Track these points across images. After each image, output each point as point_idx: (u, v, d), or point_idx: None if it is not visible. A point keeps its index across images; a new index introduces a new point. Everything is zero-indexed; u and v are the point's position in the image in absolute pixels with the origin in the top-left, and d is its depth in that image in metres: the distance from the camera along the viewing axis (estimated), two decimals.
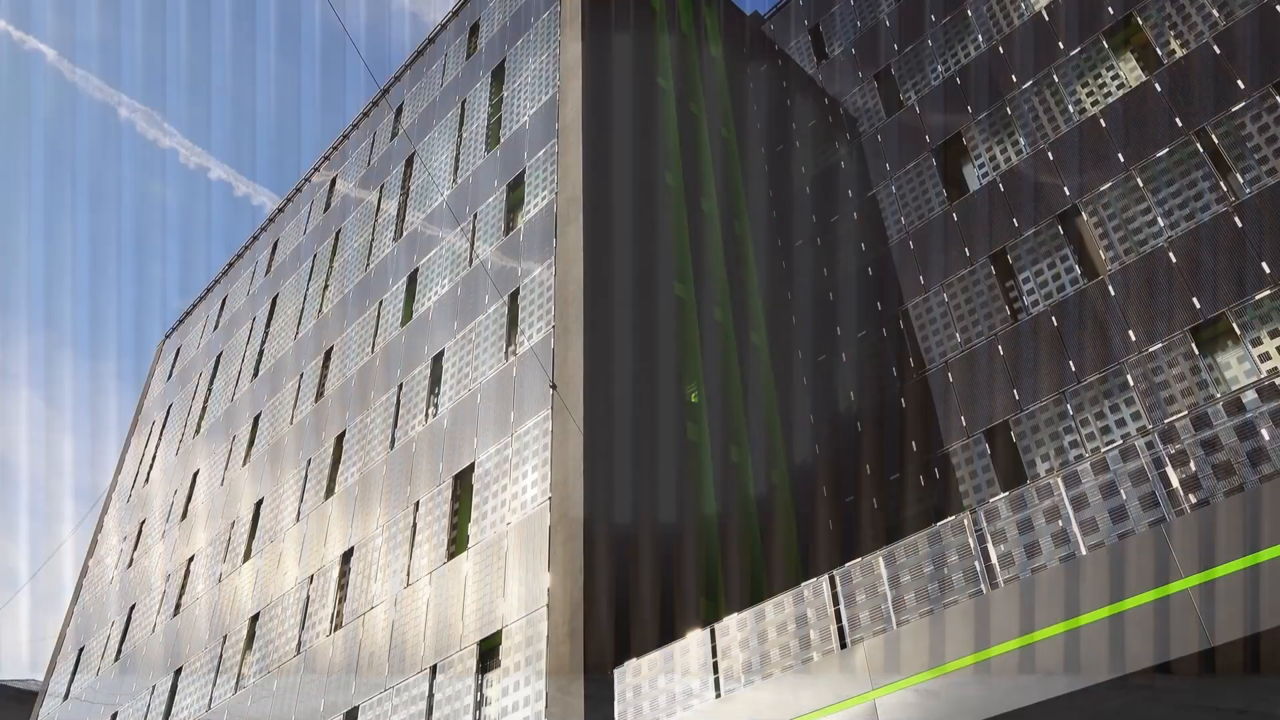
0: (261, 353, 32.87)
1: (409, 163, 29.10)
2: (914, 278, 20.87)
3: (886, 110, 23.95)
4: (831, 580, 11.55)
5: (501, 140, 24.31)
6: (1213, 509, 8.81)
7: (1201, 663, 8.40)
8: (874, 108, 24.29)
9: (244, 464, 29.29)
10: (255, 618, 23.89)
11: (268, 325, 33.67)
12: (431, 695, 16.68)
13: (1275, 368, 14.41)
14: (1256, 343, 14.87)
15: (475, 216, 23.57)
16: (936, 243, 20.78)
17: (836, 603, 11.36)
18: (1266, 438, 9.00)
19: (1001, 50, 21.57)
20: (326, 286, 30.44)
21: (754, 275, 23.18)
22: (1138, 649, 8.59)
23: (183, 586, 28.76)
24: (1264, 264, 15.22)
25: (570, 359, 17.66)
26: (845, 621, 11.16)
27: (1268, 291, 14.99)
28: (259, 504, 27.05)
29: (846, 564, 11.57)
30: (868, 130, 24.11)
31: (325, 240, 32.35)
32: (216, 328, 38.81)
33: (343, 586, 21.29)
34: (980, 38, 22.29)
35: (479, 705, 15.74)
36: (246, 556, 26.04)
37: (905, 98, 23.50)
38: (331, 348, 27.78)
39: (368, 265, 28.14)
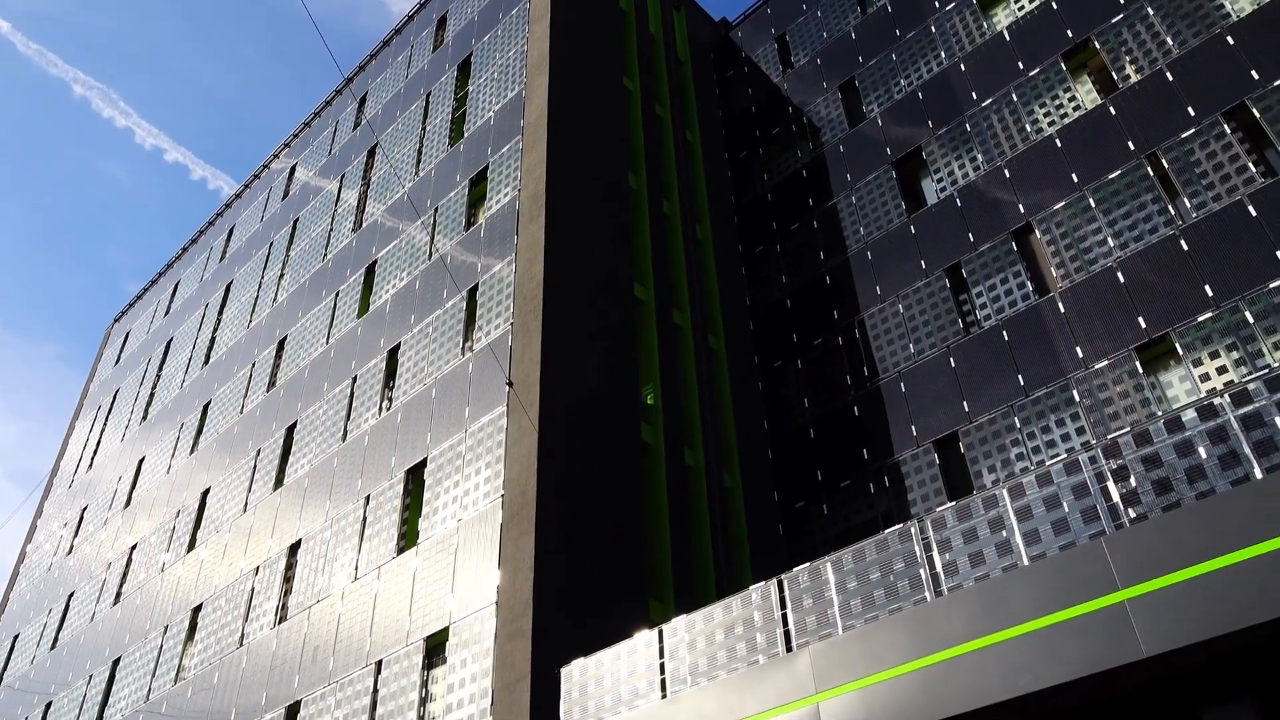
0: (213, 340, 32.36)
1: (371, 153, 28.84)
2: (870, 288, 21.14)
3: (849, 121, 24.24)
4: (780, 584, 11.67)
5: (465, 134, 24.20)
6: (1151, 523, 9.06)
7: (1136, 673, 8.63)
8: (837, 118, 24.57)
9: (192, 452, 28.81)
10: (198, 609, 23.51)
11: (220, 312, 33.15)
12: (376, 691, 16.55)
13: (1214, 388, 14.84)
14: (1197, 363, 15.29)
15: (436, 210, 23.44)
16: (893, 254, 21.07)
17: (784, 607, 11.48)
18: (1204, 456, 9.27)
19: (963, 67, 21.94)
20: (282, 275, 30.05)
21: (714, 279, 23.32)
22: (1075, 658, 8.80)
23: (124, 575, 28.21)
24: (1207, 287, 15.66)
25: (528, 357, 17.64)
26: (792, 625, 11.29)
27: (1210, 314, 15.42)
28: (206, 493, 26.63)
29: (795, 569, 11.70)
30: (830, 140, 24.38)
31: (283, 228, 31.94)
32: (168, 313, 38.12)
33: (289, 579, 21.04)
34: (943, 54, 22.65)
35: (424, 701, 15.66)
36: (191, 546, 25.62)
37: (868, 109, 23.80)
38: (285, 337, 27.43)
39: (325, 255, 27.83)
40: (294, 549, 21.41)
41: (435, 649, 16.19)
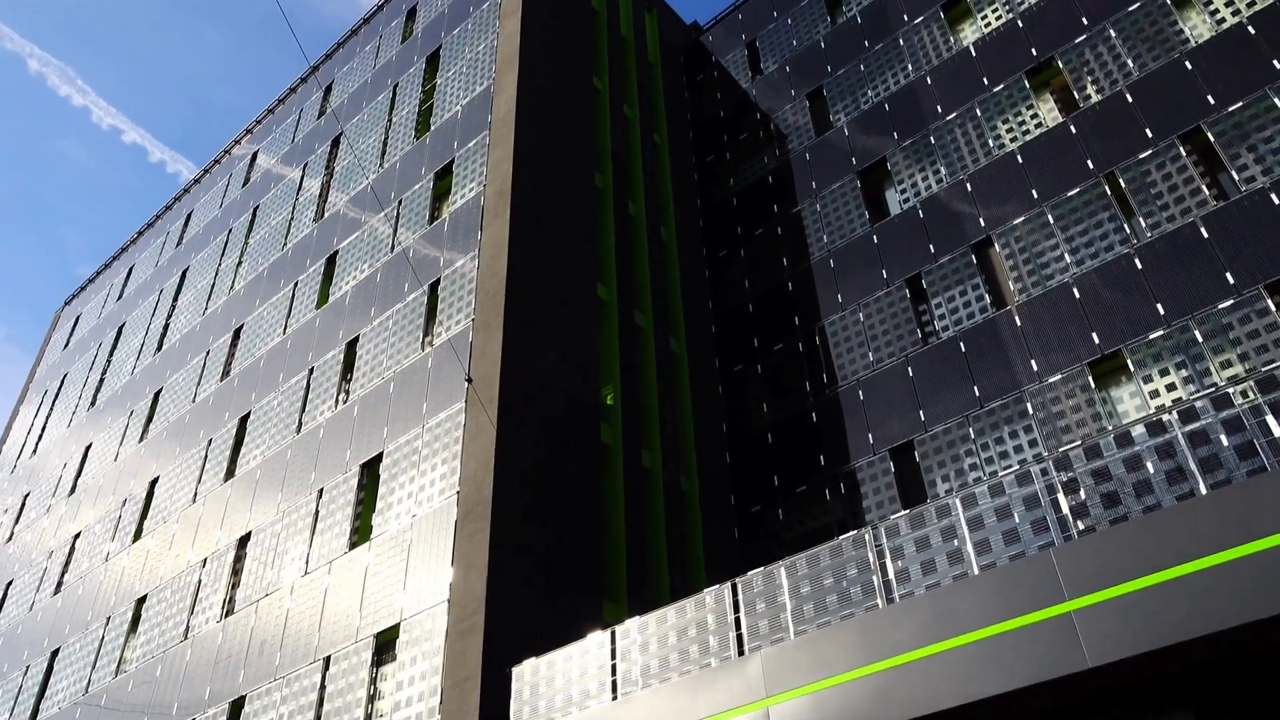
0: (167, 326, 31.76)
1: (335, 143, 28.50)
2: (832, 296, 21.31)
3: (816, 129, 24.41)
4: (734, 588, 11.71)
5: (432, 128, 24.00)
6: (1098, 536, 9.22)
7: (1081, 683, 8.77)
8: (804, 126, 24.74)
9: (141, 440, 28.25)
10: (142, 600, 23.05)
11: (175, 298, 32.56)
12: (323, 687, 16.34)
13: (1163, 405, 15.15)
14: (1148, 380, 15.60)
15: (400, 203, 23.22)
16: (855, 263, 21.26)
17: (737, 610, 11.51)
18: (1151, 471, 9.46)
19: (929, 81, 22.19)
20: (240, 263, 29.59)
21: (677, 282, 23.35)
22: (1022, 667, 8.92)
23: (66, 564, 27.57)
24: (1159, 306, 15.99)
25: (488, 353, 17.53)
26: (744, 629, 11.32)
27: (1161, 332, 15.74)
28: (154, 482, 26.12)
29: (749, 573, 11.74)
30: (796, 148, 24.53)
31: (242, 215, 31.45)
32: (120, 297, 37.35)
33: (237, 572, 20.70)
34: (910, 67, 22.89)
35: (372, 699, 15.49)
36: (137, 536, 25.11)
37: (835, 119, 23.99)
38: (242, 326, 27.01)
39: (285, 244, 27.45)
40: (243, 541, 21.08)
41: (385, 646, 16.02)
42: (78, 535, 28.05)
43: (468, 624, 14.43)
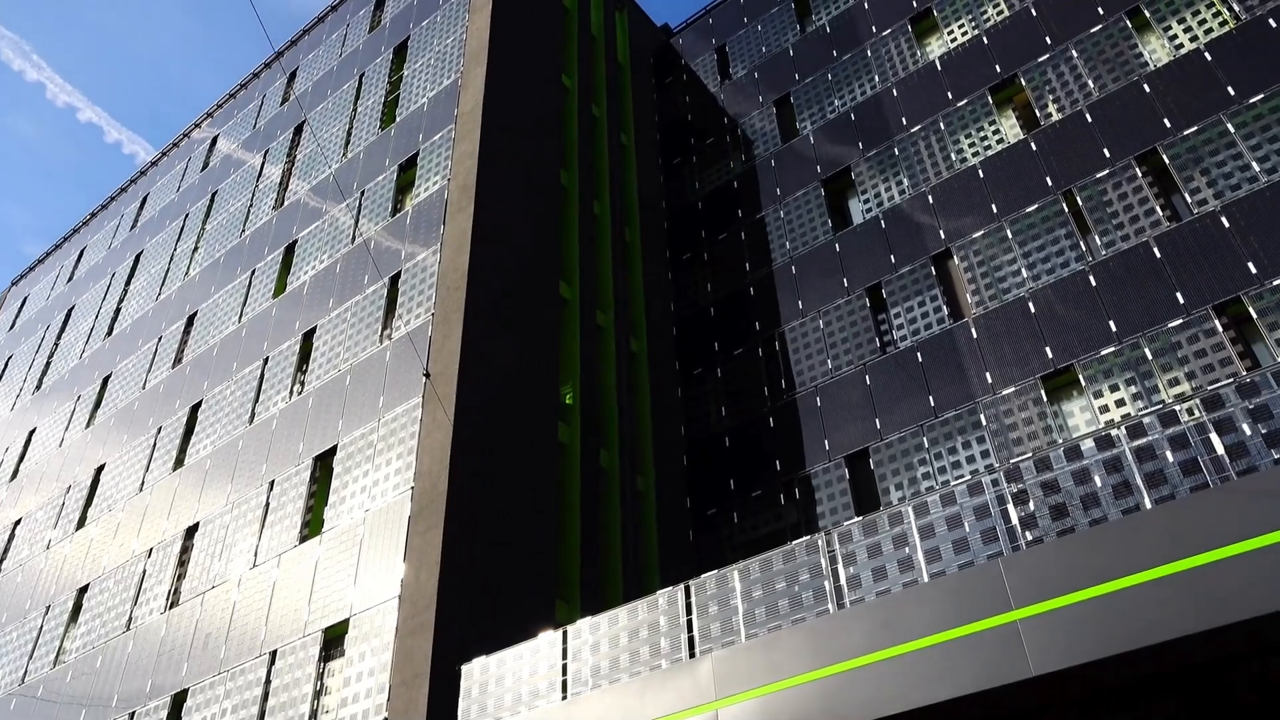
0: (118, 311, 31.12)
1: (298, 130, 28.12)
2: (793, 302, 21.45)
3: (782, 136, 24.56)
4: (687, 590, 11.73)
5: (397, 119, 23.78)
6: (1046, 547, 9.37)
7: (1025, 691, 8.90)
8: (771, 132, 24.88)
9: (87, 426, 27.64)
10: (84, 589, 22.55)
11: (128, 283, 31.90)
12: (269, 682, 16.11)
13: (1112, 420, 15.44)
14: (1098, 395, 15.90)
15: (363, 194, 22.97)
16: (817, 270, 21.42)
17: (689, 612, 11.54)
18: (1099, 484, 9.64)
19: (895, 93, 22.43)
20: (196, 249, 29.08)
21: (639, 283, 23.36)
22: (968, 675, 9.04)
23: (5, 551, 26.90)
24: (1111, 323, 16.30)
25: (447, 348, 17.40)
26: (696, 631, 11.35)
27: (1112, 349, 16.05)
28: (100, 470, 25.57)
29: (703, 575, 11.77)
30: (762, 154, 24.67)
31: (200, 200, 30.91)
32: (71, 279, 36.52)
33: (184, 563, 20.34)
34: (877, 78, 23.13)
35: (318, 694, 15.30)
36: (81, 524, 24.57)
37: (801, 126, 24.16)
38: (196, 313, 26.55)
39: (243, 231, 27.03)
40: (191, 532, 20.71)
41: (333, 641, 15.84)
42: (18, 522, 27.38)
43: (418, 621, 14.31)
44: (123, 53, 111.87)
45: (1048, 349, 16.82)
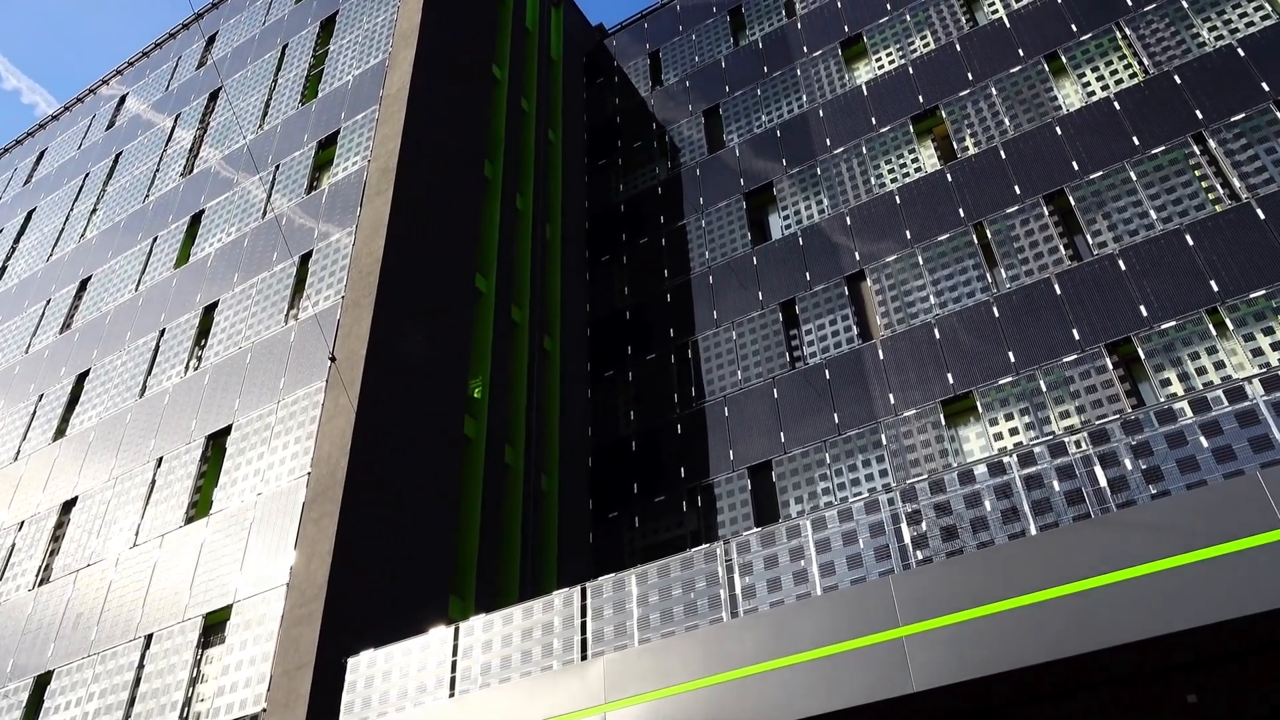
0: (4, 269, 29.52)
1: (214, 97, 27.15)
2: (708, 312, 21.63)
3: (709, 146, 24.77)
4: (583, 592, 11.69)
5: (320, 95, 23.16)
6: (935, 566, 9.63)
7: (907, 706, 9.12)
8: (698, 141, 25.06)
9: None
10: None
11: (17, 240, 30.29)
12: (142, 666, 15.45)
13: (1005, 448, 15.99)
14: (994, 422, 16.44)
15: (278, 168, 22.29)
16: (734, 282, 21.64)
17: (584, 614, 11.49)
18: (989, 509, 9.95)
19: (821, 114, 22.84)
20: (95, 210, 27.79)
21: (557, 281, 23.23)
22: (853, 688, 9.22)
23: None
24: (1010, 354, 16.89)
25: (355, 333, 17.00)
26: (589, 634, 11.31)
27: (1010, 378, 16.63)
28: None
29: (600, 578, 11.74)
30: (688, 162, 24.83)
31: (102, 160, 29.56)
32: None
33: (58, 538, 19.37)
34: (805, 98, 23.51)
35: (194, 682, 14.74)
36: None
37: (728, 138, 24.40)
38: (90, 277, 25.36)
39: (148, 196, 25.94)
40: (68, 506, 19.75)
41: (214, 628, 15.29)
42: None
43: (305, 610, 13.92)
44: None
45: (949, 375, 17.32)
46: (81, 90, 34.57)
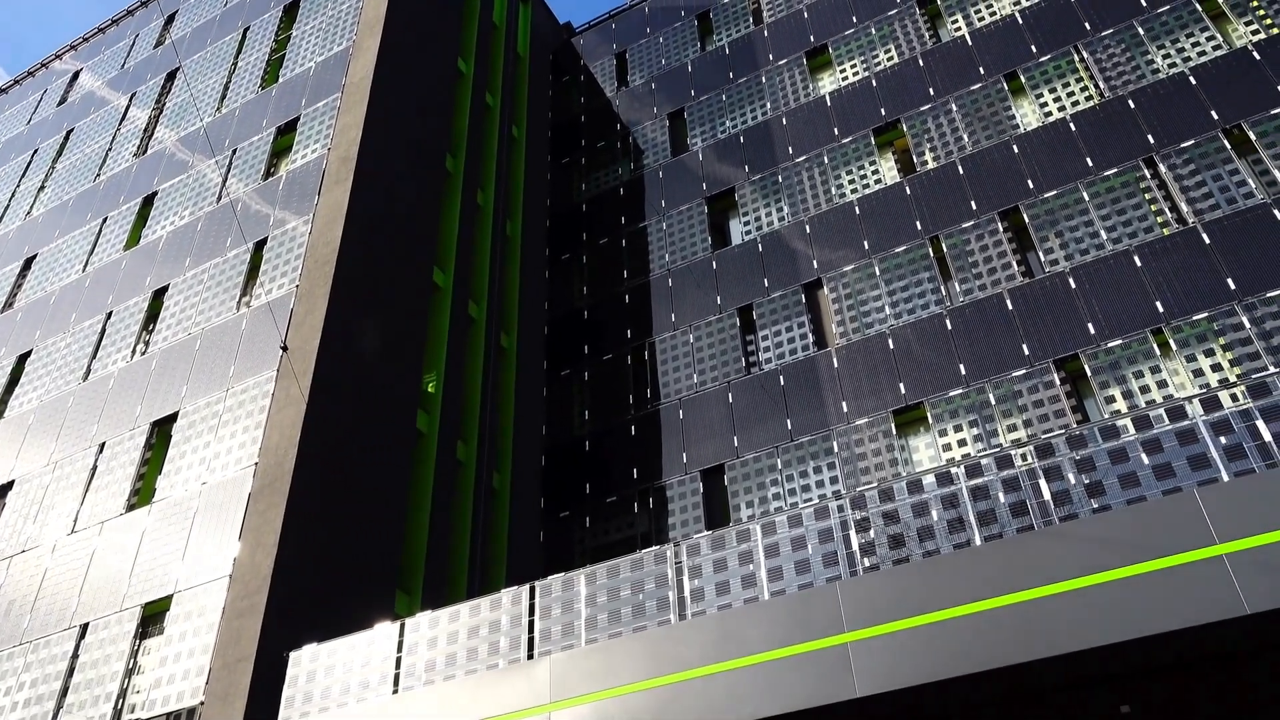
0: None
1: (171, 77, 26.62)
2: (666, 314, 21.68)
3: (673, 149, 24.84)
4: (531, 590, 11.65)
5: (280, 80, 22.82)
6: (881, 574, 9.75)
7: (850, 711, 9.22)
8: (662, 143, 25.12)
9: None
10: None
11: None
12: (76, 656, 15.09)
13: (953, 459, 16.24)
14: (943, 433, 16.69)
15: (234, 152, 21.92)
16: (693, 286, 21.72)
17: (532, 613, 11.46)
18: (935, 518, 10.10)
19: (785, 122, 23.01)
20: (43, 187, 27.10)
21: (516, 279, 23.12)
22: (797, 692, 9.30)
23: None
24: (961, 366, 17.15)
25: (309, 323, 16.77)
26: (537, 633, 11.28)
27: (960, 391, 16.89)
28: None
29: (549, 577, 11.71)
30: (651, 164, 24.87)
31: (53, 136, 28.84)
32: None
33: None
34: (769, 105, 23.67)
35: (130, 673, 14.43)
36: None
37: (692, 142, 24.49)
38: (35, 256, 24.72)
39: (99, 175, 25.36)
40: (3, 490, 19.23)
41: (153, 618, 14.98)
42: None
43: (248, 603, 13.70)
44: None
45: (901, 385, 17.55)
46: (33, 64, 33.70)
